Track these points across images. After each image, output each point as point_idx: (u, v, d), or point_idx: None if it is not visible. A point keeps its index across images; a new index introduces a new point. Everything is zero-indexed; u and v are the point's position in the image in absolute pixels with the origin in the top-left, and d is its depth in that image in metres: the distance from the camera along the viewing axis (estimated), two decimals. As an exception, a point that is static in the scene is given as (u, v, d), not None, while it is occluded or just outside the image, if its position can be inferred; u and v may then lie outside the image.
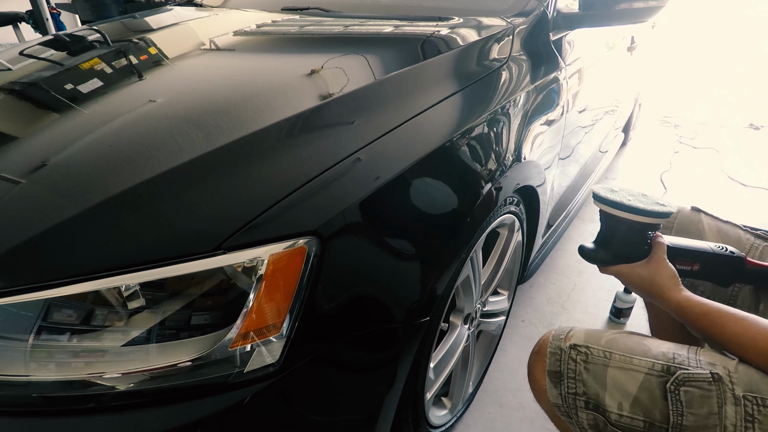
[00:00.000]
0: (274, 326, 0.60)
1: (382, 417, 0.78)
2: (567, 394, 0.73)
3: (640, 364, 0.69)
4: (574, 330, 0.77)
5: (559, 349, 0.75)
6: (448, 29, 1.18)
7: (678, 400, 0.64)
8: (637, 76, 2.43)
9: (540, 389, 0.77)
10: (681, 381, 0.65)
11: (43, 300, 0.56)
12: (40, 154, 0.74)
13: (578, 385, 0.72)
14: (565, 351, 0.74)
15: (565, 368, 0.73)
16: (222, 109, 0.83)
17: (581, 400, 0.71)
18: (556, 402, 0.74)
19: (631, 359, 0.70)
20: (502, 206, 1.02)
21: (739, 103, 4.21)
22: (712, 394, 0.63)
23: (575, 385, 0.72)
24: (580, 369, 0.72)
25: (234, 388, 0.59)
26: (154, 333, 0.57)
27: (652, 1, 1.15)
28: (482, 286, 1.14)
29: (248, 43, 1.23)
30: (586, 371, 0.72)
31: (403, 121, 0.81)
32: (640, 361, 0.69)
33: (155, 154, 0.72)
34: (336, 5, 1.43)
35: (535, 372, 0.79)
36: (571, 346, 0.74)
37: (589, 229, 2.20)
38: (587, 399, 0.71)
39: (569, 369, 0.73)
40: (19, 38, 3.07)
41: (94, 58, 1.12)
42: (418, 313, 0.77)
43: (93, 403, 0.57)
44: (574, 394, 0.72)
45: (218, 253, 0.58)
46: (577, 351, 0.73)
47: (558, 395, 0.74)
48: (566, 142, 1.38)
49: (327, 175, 0.68)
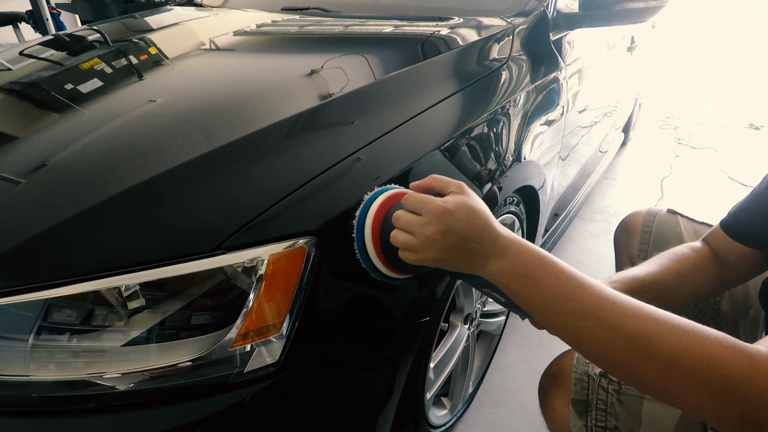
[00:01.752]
0: (274, 326, 0.60)
1: (382, 417, 0.78)
2: (595, 427, 0.65)
3: None
4: None
5: (587, 375, 0.66)
6: (448, 29, 1.18)
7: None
8: (636, 76, 2.43)
9: (559, 419, 0.69)
10: None
11: (43, 300, 0.56)
12: (40, 154, 0.74)
13: (609, 418, 0.64)
14: (594, 379, 0.66)
15: (593, 398, 0.65)
16: (222, 109, 0.83)
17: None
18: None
19: None
20: (502, 206, 1.02)
21: (739, 103, 4.21)
22: None
23: (605, 418, 0.64)
24: (612, 401, 0.64)
25: (234, 388, 0.59)
26: (154, 333, 0.57)
27: (652, 1, 1.15)
28: (482, 286, 1.13)
29: (248, 43, 1.23)
30: (618, 403, 0.64)
31: (403, 121, 0.81)
32: None
33: (155, 154, 0.72)
34: (336, 5, 1.43)
35: (553, 400, 0.70)
36: (602, 374, 0.65)
37: (589, 229, 2.20)
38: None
39: (599, 400, 0.65)
40: (19, 38, 3.07)
41: (94, 58, 1.12)
42: (418, 313, 0.77)
43: (93, 403, 0.57)
44: (604, 428, 0.65)
45: (218, 253, 0.58)
46: (608, 380, 0.65)
47: (583, 427, 0.66)
48: (566, 142, 1.38)
49: (327, 175, 0.68)
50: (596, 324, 0.43)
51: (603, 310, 0.43)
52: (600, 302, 0.44)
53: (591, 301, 0.44)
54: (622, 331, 0.42)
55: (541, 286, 0.46)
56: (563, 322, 0.45)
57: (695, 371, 0.39)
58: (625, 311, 0.43)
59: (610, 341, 0.42)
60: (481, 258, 0.50)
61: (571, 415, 0.66)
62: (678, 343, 0.40)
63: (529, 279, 0.47)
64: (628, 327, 0.42)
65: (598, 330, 0.43)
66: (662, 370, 0.40)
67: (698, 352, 0.39)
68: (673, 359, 0.40)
